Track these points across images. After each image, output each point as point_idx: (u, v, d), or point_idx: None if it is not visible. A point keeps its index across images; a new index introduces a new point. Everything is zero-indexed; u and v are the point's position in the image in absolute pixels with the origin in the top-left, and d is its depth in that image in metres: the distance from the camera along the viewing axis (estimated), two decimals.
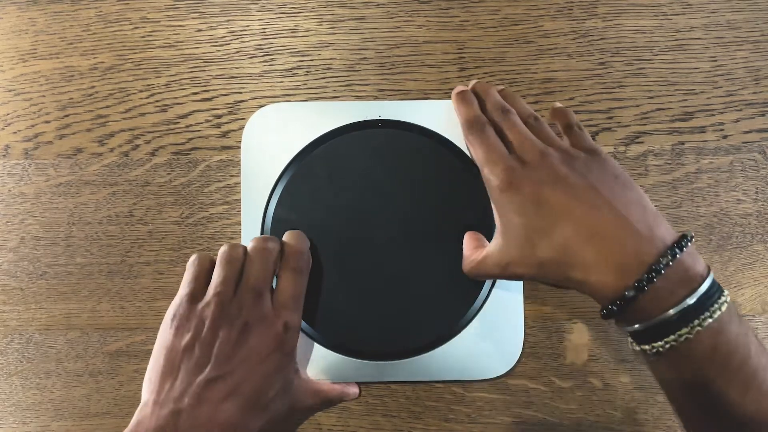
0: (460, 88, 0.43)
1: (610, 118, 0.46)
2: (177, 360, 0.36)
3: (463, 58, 0.46)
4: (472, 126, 0.40)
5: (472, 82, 0.44)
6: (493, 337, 0.44)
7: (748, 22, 0.47)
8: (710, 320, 0.31)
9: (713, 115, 0.46)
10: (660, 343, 0.32)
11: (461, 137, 0.42)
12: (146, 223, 0.46)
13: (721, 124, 0.46)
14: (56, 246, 0.46)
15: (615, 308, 0.33)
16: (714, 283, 0.32)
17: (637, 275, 0.32)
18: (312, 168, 0.44)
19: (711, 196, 0.46)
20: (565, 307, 0.45)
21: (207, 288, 0.39)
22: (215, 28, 0.47)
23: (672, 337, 0.32)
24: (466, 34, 0.47)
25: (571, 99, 0.46)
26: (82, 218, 0.46)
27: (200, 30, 0.47)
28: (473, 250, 0.41)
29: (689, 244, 0.33)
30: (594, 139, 0.46)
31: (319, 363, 0.43)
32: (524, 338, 0.44)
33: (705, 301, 0.32)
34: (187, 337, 0.37)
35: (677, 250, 0.32)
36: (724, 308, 0.32)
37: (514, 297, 0.44)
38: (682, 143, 0.46)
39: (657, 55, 0.46)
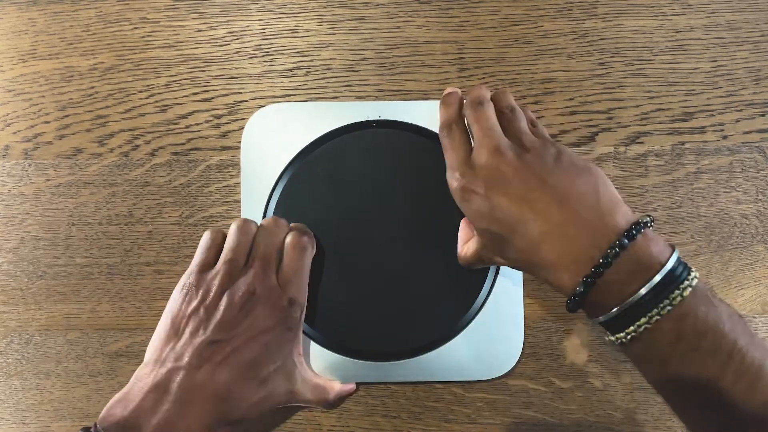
0: (448, 90, 0.43)
1: (610, 118, 0.46)
2: (182, 324, 0.37)
3: (463, 58, 0.46)
4: (442, 129, 0.40)
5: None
6: (493, 337, 0.44)
7: (748, 23, 0.47)
8: (669, 308, 0.30)
9: (713, 115, 0.46)
10: (622, 334, 0.32)
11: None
12: (146, 223, 0.46)
13: (721, 124, 0.46)
14: (56, 246, 0.46)
15: (570, 303, 0.33)
16: (676, 268, 0.31)
17: (585, 270, 0.32)
18: (312, 168, 0.44)
19: (711, 197, 0.46)
20: (565, 307, 0.45)
21: (217, 259, 0.39)
22: (215, 29, 0.47)
23: (631, 328, 0.31)
24: (466, 35, 0.47)
25: (571, 99, 0.46)
26: (82, 219, 0.46)
27: (200, 30, 0.47)
28: (465, 240, 0.42)
29: (643, 230, 0.32)
30: (594, 139, 0.46)
31: (319, 363, 0.43)
32: (524, 339, 0.44)
33: (664, 288, 0.31)
34: (193, 303, 0.37)
35: (626, 240, 0.31)
36: (687, 293, 0.31)
37: (515, 298, 0.44)
38: (682, 143, 0.46)
39: (657, 55, 0.46)
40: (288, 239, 0.41)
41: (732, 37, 0.47)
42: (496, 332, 0.44)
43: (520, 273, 0.44)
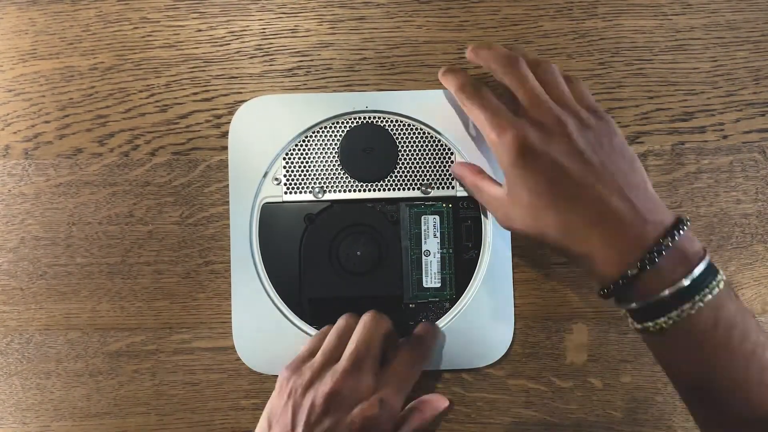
0: (444, 67, 0.42)
1: None
2: (273, 420, 0.38)
3: (463, 58, 0.46)
4: (465, 89, 0.39)
5: (468, 50, 0.42)
6: (484, 325, 0.44)
7: (748, 22, 0.47)
8: (710, 296, 0.32)
9: (713, 115, 0.46)
10: (663, 319, 0.33)
11: (449, 126, 0.44)
12: (146, 223, 0.46)
13: (721, 124, 0.46)
14: (56, 246, 0.46)
15: (617, 287, 0.34)
16: (711, 264, 0.34)
17: (639, 255, 0.33)
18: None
19: (711, 196, 0.46)
20: (565, 307, 0.45)
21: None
22: (215, 28, 0.47)
23: (675, 312, 0.32)
24: (466, 34, 0.47)
25: None
26: (82, 218, 0.46)
27: (200, 30, 0.47)
28: (477, 174, 0.41)
29: (686, 227, 0.34)
30: None
31: None
32: (519, 329, 0.45)
33: (704, 278, 0.33)
34: (283, 399, 0.38)
35: (676, 232, 0.33)
36: (722, 285, 0.33)
37: (505, 285, 0.44)
38: (682, 143, 0.46)
39: (657, 55, 0.46)
40: (411, 340, 0.41)
41: (732, 36, 0.47)
42: (486, 320, 0.44)
43: (510, 259, 0.44)
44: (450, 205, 0.44)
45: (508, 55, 0.39)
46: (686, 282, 0.32)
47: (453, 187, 0.44)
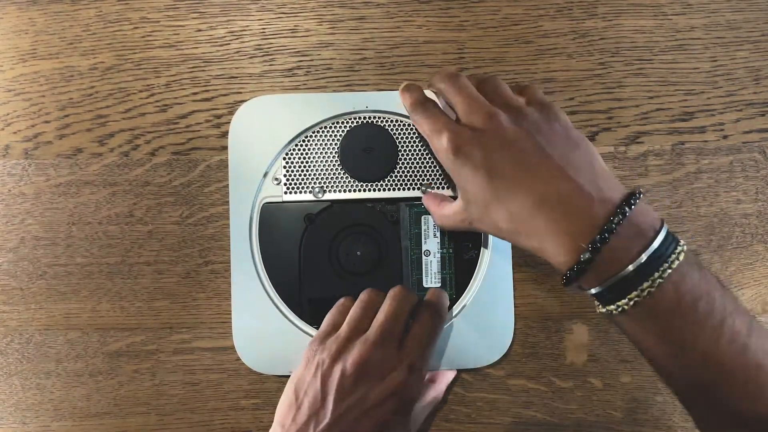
0: (405, 82, 0.43)
1: (610, 118, 0.46)
2: (301, 394, 0.37)
3: (463, 58, 0.46)
4: (414, 106, 0.40)
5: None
6: (483, 325, 0.44)
7: (748, 22, 0.47)
8: (670, 271, 0.31)
9: (713, 115, 0.46)
10: (624, 301, 0.32)
11: None
12: (146, 223, 0.46)
13: (721, 124, 0.46)
14: (56, 246, 0.46)
15: (573, 273, 0.32)
16: (669, 234, 0.32)
17: (590, 237, 0.32)
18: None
19: (711, 196, 0.46)
20: (565, 307, 0.45)
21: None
22: (215, 28, 0.47)
23: (635, 293, 0.31)
24: (466, 34, 0.47)
25: (571, 99, 0.46)
26: (82, 218, 0.46)
27: (200, 30, 0.47)
28: (439, 205, 0.41)
29: (638, 200, 0.33)
30: (593, 139, 0.46)
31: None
32: (519, 329, 0.45)
33: (662, 252, 0.31)
34: (311, 371, 0.38)
35: (627, 208, 0.32)
36: (682, 257, 0.32)
37: (505, 285, 0.44)
38: (682, 143, 0.46)
39: (657, 55, 0.46)
40: (423, 306, 0.41)
41: (732, 36, 0.47)
42: (486, 320, 0.44)
43: (510, 259, 0.44)
44: None
45: (448, 73, 0.40)
46: (644, 258, 0.31)
47: (453, 187, 0.44)
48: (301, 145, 0.45)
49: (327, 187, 0.44)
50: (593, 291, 0.33)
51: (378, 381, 0.37)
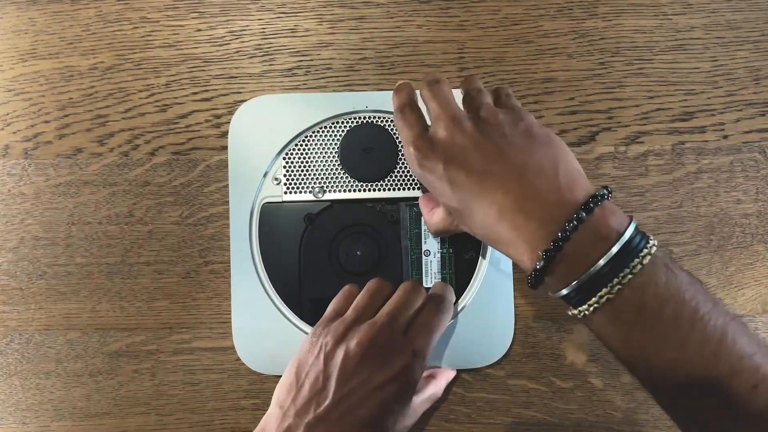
0: (400, 82, 0.42)
1: (610, 118, 0.46)
2: (303, 375, 0.37)
3: (463, 58, 0.46)
4: (396, 110, 0.39)
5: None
6: (483, 325, 0.44)
7: (748, 22, 0.47)
8: (630, 276, 0.30)
9: (713, 115, 0.46)
10: (584, 306, 0.31)
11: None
12: (146, 223, 0.46)
13: (722, 124, 0.46)
14: (56, 246, 0.46)
15: (534, 278, 0.32)
16: (634, 237, 0.31)
17: (545, 245, 0.31)
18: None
19: (711, 196, 0.46)
20: (565, 307, 0.45)
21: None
22: (215, 28, 0.47)
23: (593, 299, 0.31)
24: (466, 34, 0.47)
25: (571, 99, 0.46)
26: (82, 218, 0.46)
27: (200, 30, 0.47)
28: (430, 212, 0.41)
29: (601, 203, 0.31)
30: (594, 139, 0.46)
31: None
32: (519, 329, 0.45)
33: (623, 257, 0.30)
34: (314, 352, 0.37)
35: (584, 213, 0.31)
36: (646, 261, 0.30)
37: (505, 285, 0.44)
38: (683, 143, 0.46)
39: (657, 55, 0.46)
40: (430, 298, 0.40)
41: (732, 36, 0.47)
42: (486, 320, 0.44)
43: (510, 259, 0.44)
44: None
45: (429, 78, 0.39)
46: (602, 262, 0.30)
47: None
48: (301, 145, 0.45)
49: (327, 187, 0.44)
50: (560, 293, 0.33)
51: (382, 363, 0.36)
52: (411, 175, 0.45)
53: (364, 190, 0.44)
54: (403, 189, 0.44)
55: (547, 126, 0.46)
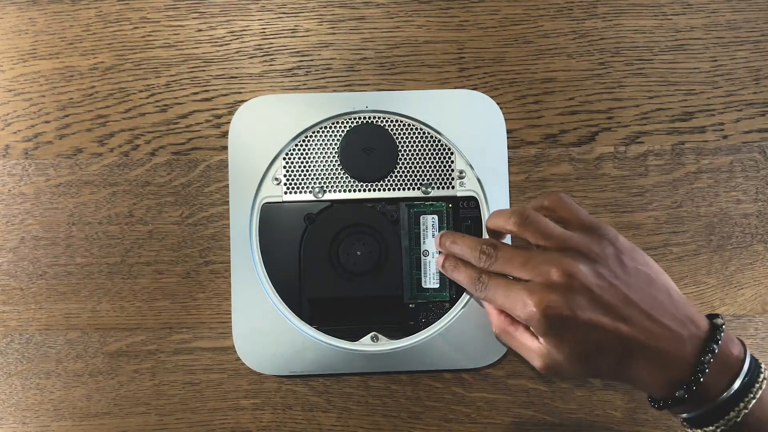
0: (439, 259, 0.42)
1: (610, 118, 0.46)
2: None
3: (463, 58, 0.46)
4: (475, 283, 0.39)
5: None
6: (483, 325, 0.44)
7: (748, 22, 0.47)
8: (754, 400, 0.33)
9: (713, 115, 0.46)
10: (711, 428, 0.34)
11: (449, 126, 0.44)
12: (146, 223, 0.46)
13: (721, 124, 0.46)
14: (56, 246, 0.46)
15: (667, 405, 0.35)
16: (753, 361, 0.34)
17: (683, 377, 0.34)
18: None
19: (711, 196, 0.46)
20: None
21: None
22: (215, 28, 0.47)
23: (721, 422, 0.34)
24: (466, 34, 0.47)
25: (571, 99, 0.46)
26: (82, 218, 0.46)
27: (200, 30, 0.47)
28: (511, 325, 0.39)
29: (722, 333, 0.34)
30: (594, 139, 0.46)
31: (307, 354, 0.43)
32: None
33: (747, 382, 0.33)
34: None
35: (714, 345, 0.34)
36: (765, 385, 0.34)
37: None
38: (682, 143, 0.46)
39: (657, 55, 0.46)
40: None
41: (732, 36, 0.47)
42: (487, 319, 0.44)
43: None
44: (450, 205, 0.45)
45: (520, 217, 0.38)
46: (732, 390, 0.33)
47: (453, 187, 0.44)
48: (301, 145, 0.45)
49: (327, 187, 0.44)
50: (684, 416, 0.35)
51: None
52: (411, 176, 0.45)
53: (364, 190, 0.45)
54: (403, 189, 0.45)
55: (547, 126, 0.46)
